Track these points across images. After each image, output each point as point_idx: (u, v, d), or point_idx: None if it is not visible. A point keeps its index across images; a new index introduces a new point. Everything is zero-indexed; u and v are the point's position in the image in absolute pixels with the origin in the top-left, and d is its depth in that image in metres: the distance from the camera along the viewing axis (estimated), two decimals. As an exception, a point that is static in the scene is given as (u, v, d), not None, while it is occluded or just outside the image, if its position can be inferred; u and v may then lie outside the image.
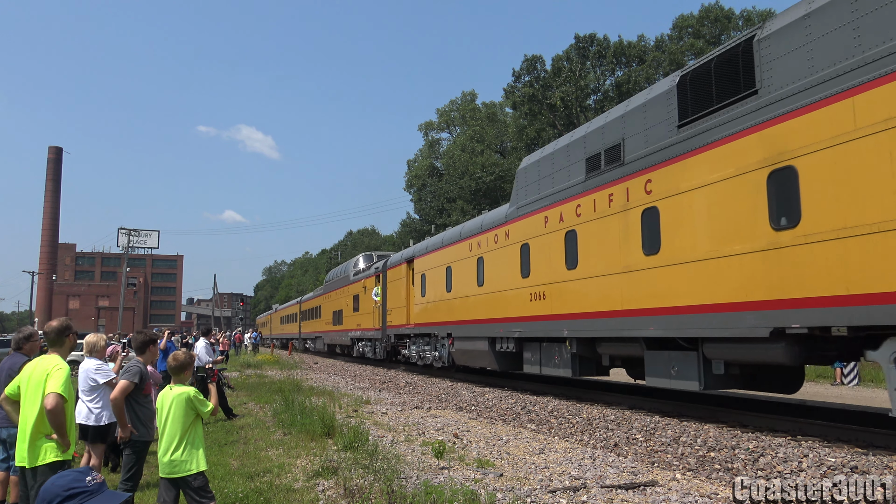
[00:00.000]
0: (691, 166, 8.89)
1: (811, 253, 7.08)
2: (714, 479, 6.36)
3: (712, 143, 8.54)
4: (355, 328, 29.06)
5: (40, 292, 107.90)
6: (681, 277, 8.94)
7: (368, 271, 27.49)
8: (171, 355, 5.08)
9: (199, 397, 4.81)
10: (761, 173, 7.75)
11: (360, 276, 29.21)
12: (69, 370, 4.63)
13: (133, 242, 65.85)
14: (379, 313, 24.66)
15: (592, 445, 8.44)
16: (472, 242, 16.52)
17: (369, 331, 26.33)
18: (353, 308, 29.50)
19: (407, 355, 21.74)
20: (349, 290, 30.63)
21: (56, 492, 1.99)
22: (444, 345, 18.44)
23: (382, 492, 5.76)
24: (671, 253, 9.17)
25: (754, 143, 7.89)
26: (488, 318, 15.12)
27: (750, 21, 46.60)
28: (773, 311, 7.45)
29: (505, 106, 58.42)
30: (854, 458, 6.45)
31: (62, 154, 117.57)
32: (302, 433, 9.29)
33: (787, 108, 7.49)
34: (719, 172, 8.38)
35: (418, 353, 20.68)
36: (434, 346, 19.46)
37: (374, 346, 26.12)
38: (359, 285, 28.67)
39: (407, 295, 21.43)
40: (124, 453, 5.45)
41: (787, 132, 7.44)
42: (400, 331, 22.24)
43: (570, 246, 11.68)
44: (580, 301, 11.29)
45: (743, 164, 8.03)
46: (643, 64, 46.86)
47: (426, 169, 62.40)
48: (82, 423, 6.92)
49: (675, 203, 9.13)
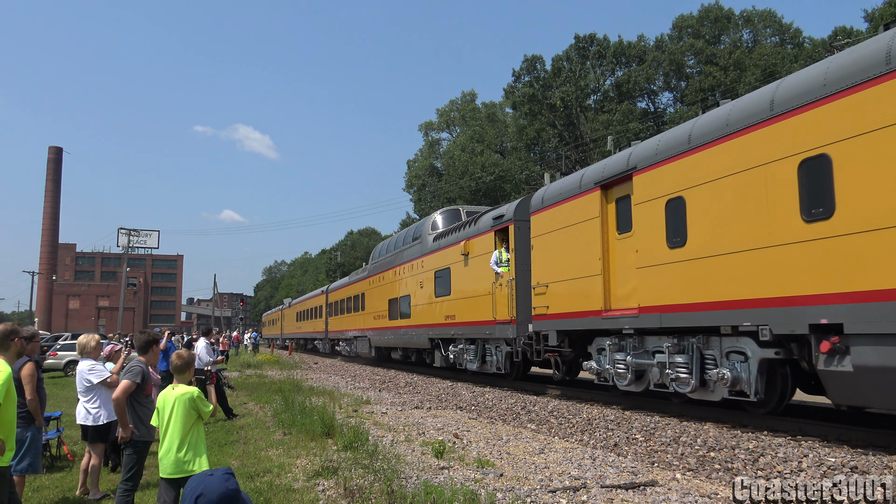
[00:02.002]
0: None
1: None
2: (714, 479, 6.36)
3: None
4: (443, 322, 18.15)
5: (40, 292, 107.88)
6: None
7: (475, 228, 16.50)
8: (174, 354, 5.09)
9: (201, 397, 4.82)
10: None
11: (450, 239, 18.12)
12: (10, 373, 4.74)
13: (133, 242, 65.86)
14: (507, 294, 14.24)
15: (592, 445, 8.44)
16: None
17: (481, 325, 15.70)
18: (437, 291, 18.76)
19: (598, 370, 11.26)
20: (425, 265, 19.92)
21: (233, 494, 2.10)
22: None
23: (382, 492, 5.76)
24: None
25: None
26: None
27: (750, 21, 46.64)
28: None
29: (505, 106, 58.51)
30: (854, 458, 6.46)
31: (62, 154, 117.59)
32: (302, 433, 9.29)
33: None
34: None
35: (674, 371, 9.33)
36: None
37: (496, 352, 15.35)
38: (448, 254, 18.00)
39: (604, 253, 10.94)
40: (125, 453, 5.46)
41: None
42: (577, 323, 11.77)
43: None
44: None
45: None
46: (643, 64, 46.90)
47: (426, 169, 62.44)
48: (82, 424, 6.94)
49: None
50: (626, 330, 10.37)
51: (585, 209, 11.56)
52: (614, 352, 10.82)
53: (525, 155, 49.29)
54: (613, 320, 10.64)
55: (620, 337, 10.79)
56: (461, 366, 17.51)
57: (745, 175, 8.11)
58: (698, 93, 41.80)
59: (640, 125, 41.94)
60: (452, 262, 17.73)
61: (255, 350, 44.42)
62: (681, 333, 9.45)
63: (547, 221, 12.92)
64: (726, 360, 8.55)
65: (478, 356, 16.35)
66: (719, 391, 8.71)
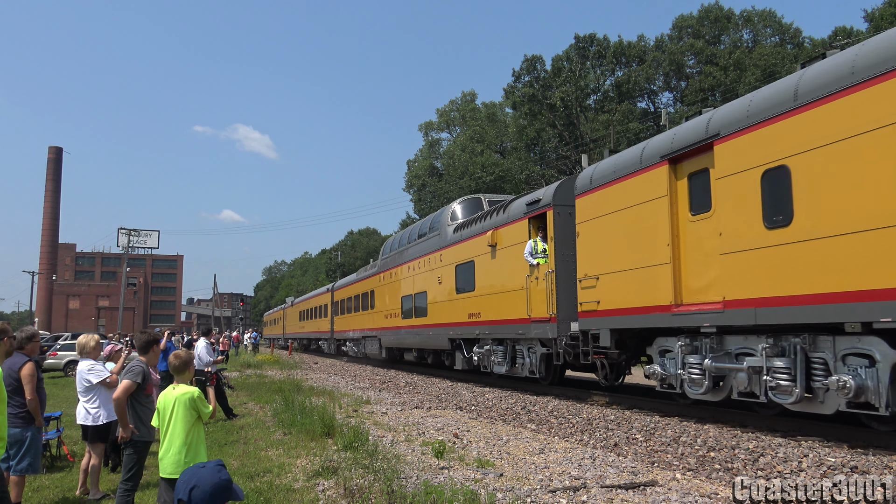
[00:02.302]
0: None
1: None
2: (714, 479, 6.36)
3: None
4: (466, 320, 16.54)
5: (40, 292, 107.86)
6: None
7: (504, 215, 14.78)
8: (172, 354, 5.09)
9: (202, 398, 4.83)
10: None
11: (474, 229, 16.43)
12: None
13: (133, 242, 65.90)
14: (545, 288, 12.60)
15: (592, 445, 8.45)
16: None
17: (512, 323, 14.08)
18: (458, 287, 17.16)
19: (664, 375, 9.67)
20: (444, 258, 18.20)
21: (226, 485, 2.20)
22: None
23: (382, 492, 5.76)
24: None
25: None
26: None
27: (749, 21, 46.65)
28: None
29: (505, 106, 58.51)
30: (854, 458, 6.46)
31: (62, 154, 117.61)
32: (302, 433, 9.29)
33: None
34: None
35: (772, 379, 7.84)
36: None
37: (529, 354, 13.74)
38: (472, 246, 16.36)
39: (674, 238, 9.37)
40: (125, 453, 5.46)
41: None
42: (636, 321, 10.10)
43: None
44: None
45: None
46: (643, 64, 46.91)
47: (426, 169, 62.45)
48: (81, 424, 6.94)
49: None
50: (704, 328, 8.66)
51: (649, 187, 9.81)
52: (687, 354, 9.07)
53: (525, 155, 49.30)
54: (687, 317, 8.91)
55: (693, 336, 9.12)
56: (486, 369, 15.67)
57: (882, 133, 6.40)
58: (698, 93, 41.81)
59: (640, 125, 41.95)
60: (477, 254, 16.01)
61: (255, 350, 44.44)
62: (776, 333, 7.86)
63: (597, 204, 11.20)
64: (842, 364, 7.02)
65: (507, 358, 14.60)
66: (832, 402, 7.15)
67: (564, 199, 12.71)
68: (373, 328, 26.08)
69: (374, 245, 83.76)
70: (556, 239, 12.68)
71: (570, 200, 12.35)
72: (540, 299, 12.96)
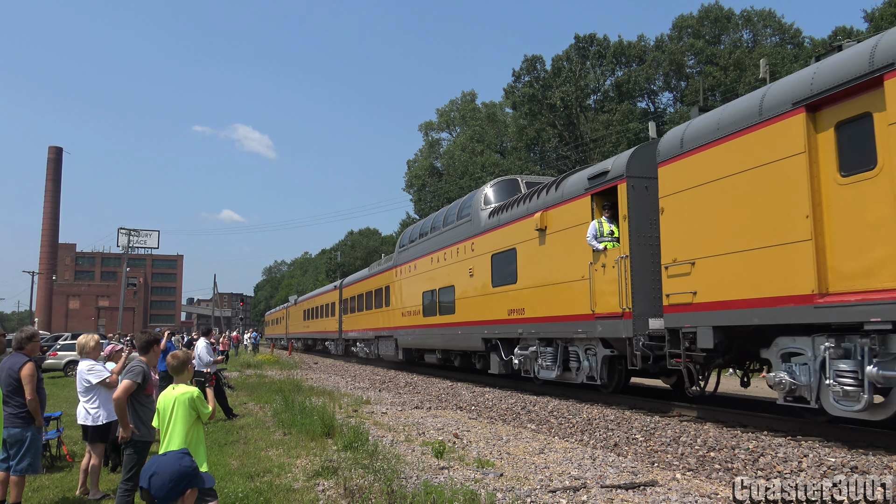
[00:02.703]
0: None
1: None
2: (714, 479, 6.37)
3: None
4: (505, 317, 14.45)
5: (40, 292, 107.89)
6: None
7: (557, 194, 12.75)
8: (170, 354, 5.10)
9: (201, 398, 4.83)
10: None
11: (516, 211, 14.30)
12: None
13: (133, 242, 65.87)
14: (617, 278, 10.73)
15: (592, 445, 8.45)
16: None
17: (569, 321, 12.06)
18: (495, 279, 15.06)
19: (793, 385, 7.60)
20: (477, 247, 16.10)
21: (186, 471, 2.20)
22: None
23: (382, 492, 5.77)
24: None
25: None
26: None
27: (749, 21, 46.67)
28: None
29: (505, 106, 58.52)
30: (854, 458, 6.46)
31: (62, 154, 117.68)
32: (302, 433, 9.29)
33: None
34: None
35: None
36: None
37: (588, 357, 11.87)
38: (514, 231, 14.23)
39: (815, 207, 7.36)
40: (125, 453, 5.46)
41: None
42: (755, 315, 8.08)
43: None
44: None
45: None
46: (643, 64, 46.91)
47: (426, 169, 62.47)
48: (81, 424, 6.94)
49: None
50: (870, 324, 6.60)
51: (774, 144, 7.79)
52: (835, 359, 7.03)
53: (525, 155, 49.30)
54: (841, 310, 6.88)
55: (839, 337, 7.13)
56: (530, 373, 13.62)
57: None
58: (698, 93, 41.80)
59: (640, 125, 41.94)
60: (520, 240, 13.78)
61: (254, 350, 44.47)
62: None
63: (691, 171, 9.10)
64: None
65: (557, 362, 12.58)
66: None
67: (640, 170, 10.68)
68: (388, 327, 23.92)
69: (373, 245, 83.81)
70: (631, 218, 10.57)
71: (649, 170, 10.40)
72: (608, 291, 10.91)
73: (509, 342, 14.76)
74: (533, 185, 15.83)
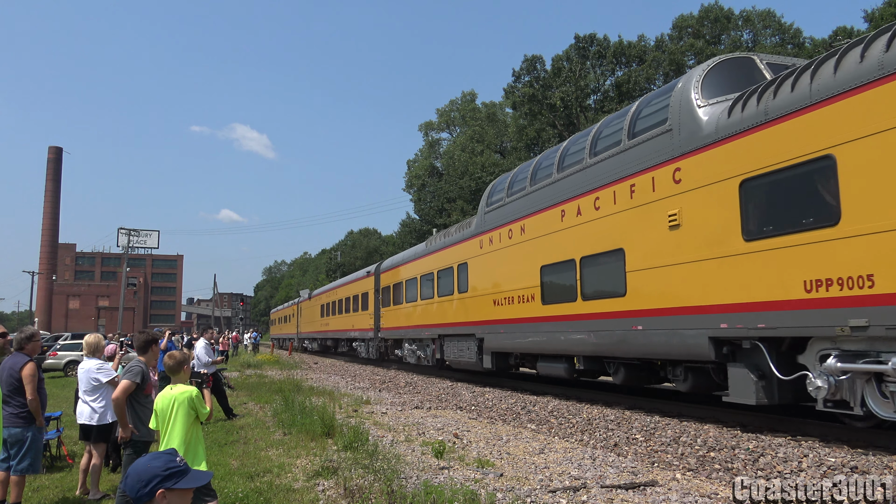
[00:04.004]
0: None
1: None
2: (714, 479, 6.36)
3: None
4: (792, 297, 7.30)
5: (40, 292, 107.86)
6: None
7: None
8: (166, 355, 5.09)
9: (199, 398, 4.83)
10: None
11: (801, 94, 7.26)
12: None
13: (133, 242, 65.78)
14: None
15: (592, 445, 8.44)
16: None
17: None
18: (750, 228, 8.03)
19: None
20: (681, 176, 9.13)
21: (155, 472, 2.10)
22: None
23: (382, 492, 5.77)
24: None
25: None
26: None
27: (749, 21, 46.66)
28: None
29: (505, 106, 58.51)
30: (854, 458, 6.46)
31: (62, 154, 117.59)
32: (302, 433, 9.29)
33: None
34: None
35: None
36: None
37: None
38: (795, 134, 7.30)
39: None
40: (125, 453, 5.46)
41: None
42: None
43: None
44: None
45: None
46: (643, 64, 46.89)
47: (426, 169, 62.46)
48: (85, 423, 6.94)
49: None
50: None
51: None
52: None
53: (525, 155, 49.27)
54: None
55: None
56: (851, 408, 7.03)
57: None
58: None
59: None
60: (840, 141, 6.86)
61: (254, 350, 44.47)
62: None
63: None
64: None
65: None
66: None
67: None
68: (463, 322, 17.01)
69: (373, 245, 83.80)
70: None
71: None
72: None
73: (772, 342, 7.92)
74: (778, 67, 9.38)
